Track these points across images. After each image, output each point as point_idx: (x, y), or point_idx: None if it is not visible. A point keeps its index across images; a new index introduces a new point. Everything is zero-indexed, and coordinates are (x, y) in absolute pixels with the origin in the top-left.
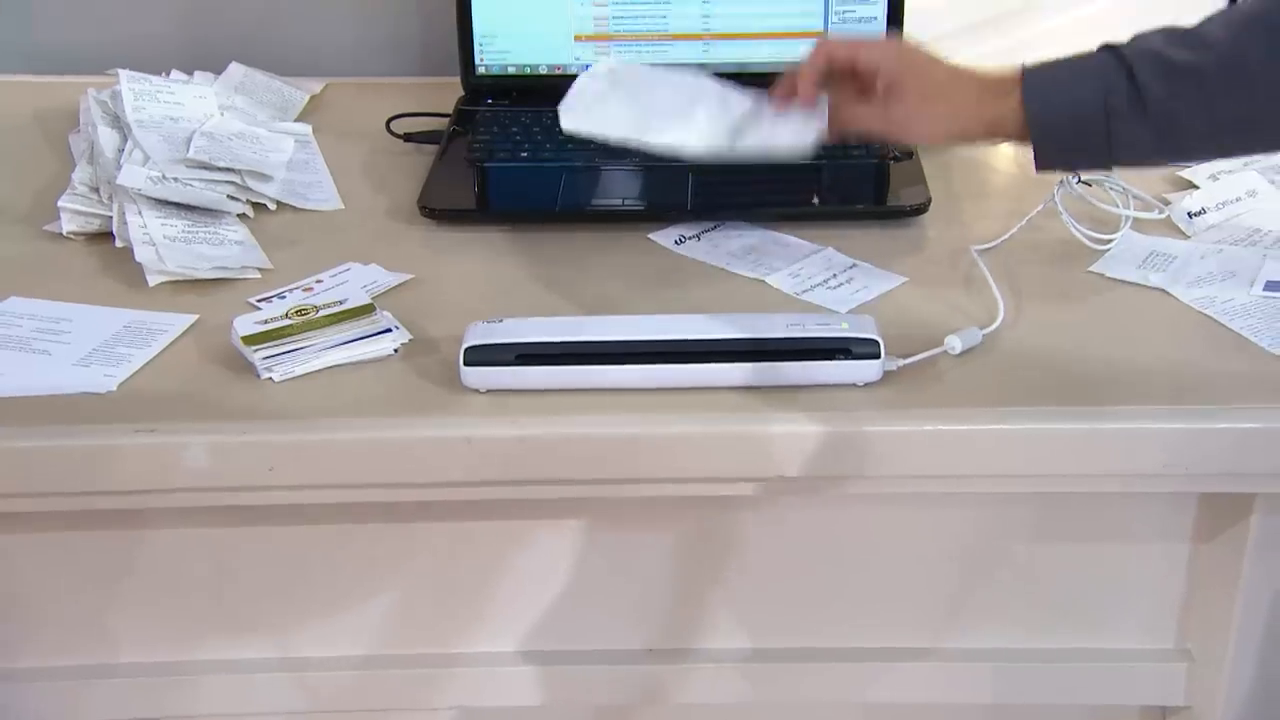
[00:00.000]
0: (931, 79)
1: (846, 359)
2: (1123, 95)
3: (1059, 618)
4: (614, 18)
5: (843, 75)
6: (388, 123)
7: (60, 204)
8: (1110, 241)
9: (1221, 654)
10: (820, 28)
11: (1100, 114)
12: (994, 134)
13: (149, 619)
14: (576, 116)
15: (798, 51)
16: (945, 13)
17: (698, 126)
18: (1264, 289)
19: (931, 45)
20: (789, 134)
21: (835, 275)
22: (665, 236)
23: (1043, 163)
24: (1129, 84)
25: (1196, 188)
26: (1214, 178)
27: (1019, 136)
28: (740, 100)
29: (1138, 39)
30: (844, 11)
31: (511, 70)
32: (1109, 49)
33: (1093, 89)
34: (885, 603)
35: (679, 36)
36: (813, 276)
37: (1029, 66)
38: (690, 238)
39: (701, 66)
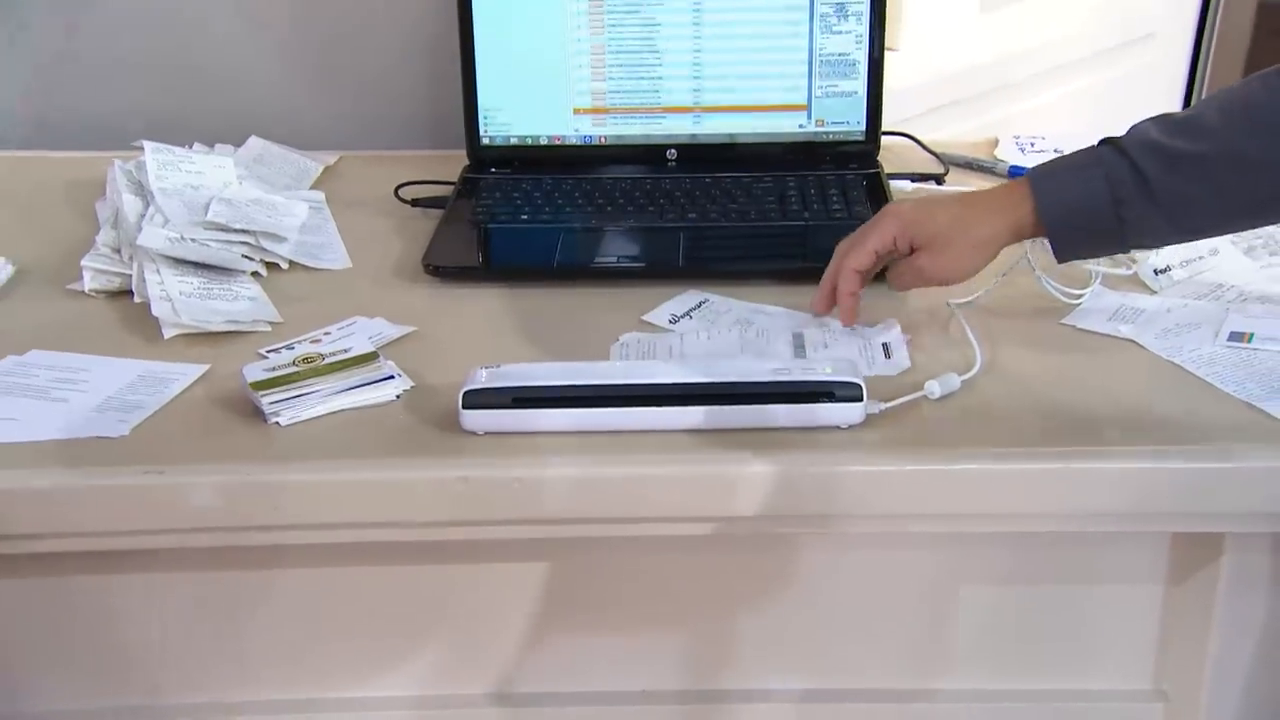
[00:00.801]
0: (939, 226)
1: (831, 402)
2: (1128, 184)
3: (1036, 659)
4: (610, 92)
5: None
6: (396, 190)
7: (83, 263)
8: (1081, 296)
9: (1197, 694)
10: (804, 101)
11: (1109, 202)
12: (1018, 238)
13: (163, 662)
14: None
15: (781, 123)
16: (924, 92)
17: None
18: (1227, 339)
19: (924, 194)
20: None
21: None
22: (658, 316)
23: (1063, 254)
24: (1132, 173)
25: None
26: None
27: (1039, 234)
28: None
29: (1132, 130)
30: (827, 86)
31: (514, 141)
32: (1106, 142)
33: (1098, 181)
34: (865, 643)
35: (671, 109)
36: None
37: (1034, 171)
38: (682, 316)
39: (692, 137)
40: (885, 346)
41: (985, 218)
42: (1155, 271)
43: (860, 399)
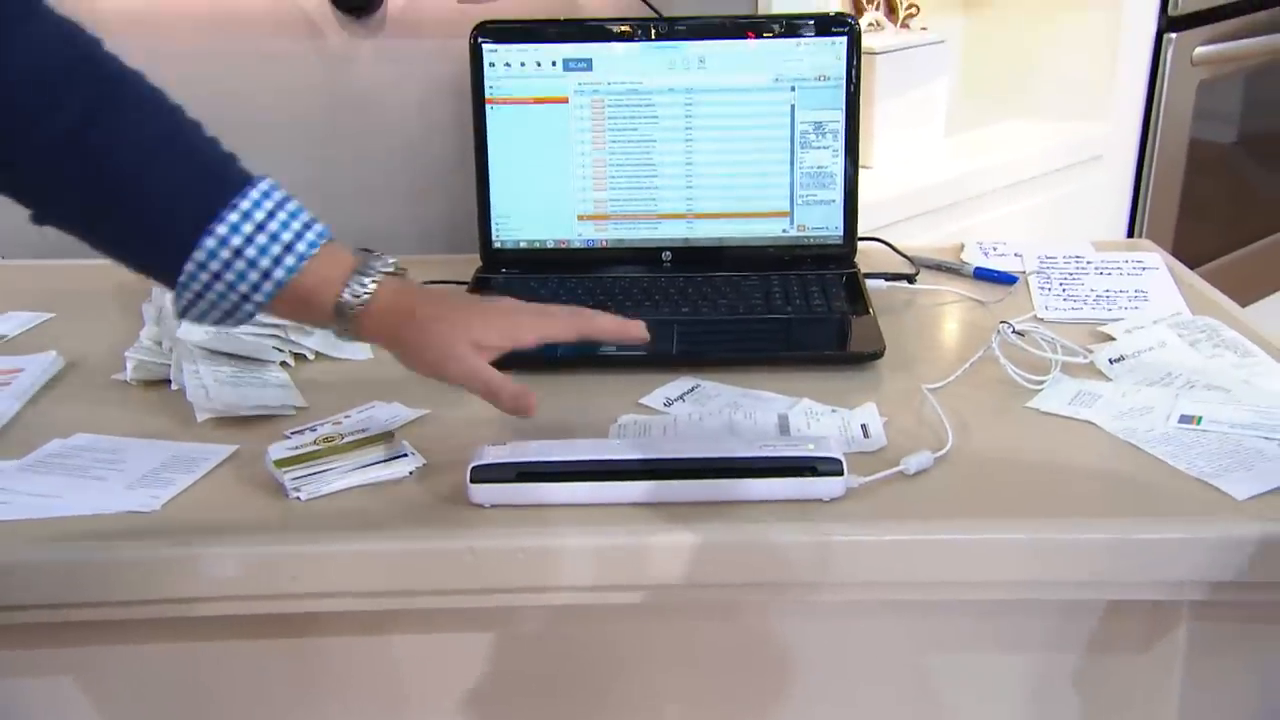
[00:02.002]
0: None
1: (814, 476)
2: None
3: None
4: (611, 200)
5: None
6: None
7: (126, 354)
8: (1043, 382)
9: None
10: (787, 209)
11: None
12: None
13: None
14: None
15: (767, 228)
16: (895, 204)
17: None
18: (1178, 421)
19: None
20: None
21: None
22: (654, 400)
23: None
24: None
25: (1114, 339)
26: (1129, 331)
27: None
28: None
29: None
30: (807, 195)
31: (523, 245)
32: None
33: None
34: (847, 711)
35: (666, 216)
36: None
37: None
38: (676, 399)
39: (686, 241)
40: (864, 427)
41: None
42: (1110, 360)
43: (841, 474)
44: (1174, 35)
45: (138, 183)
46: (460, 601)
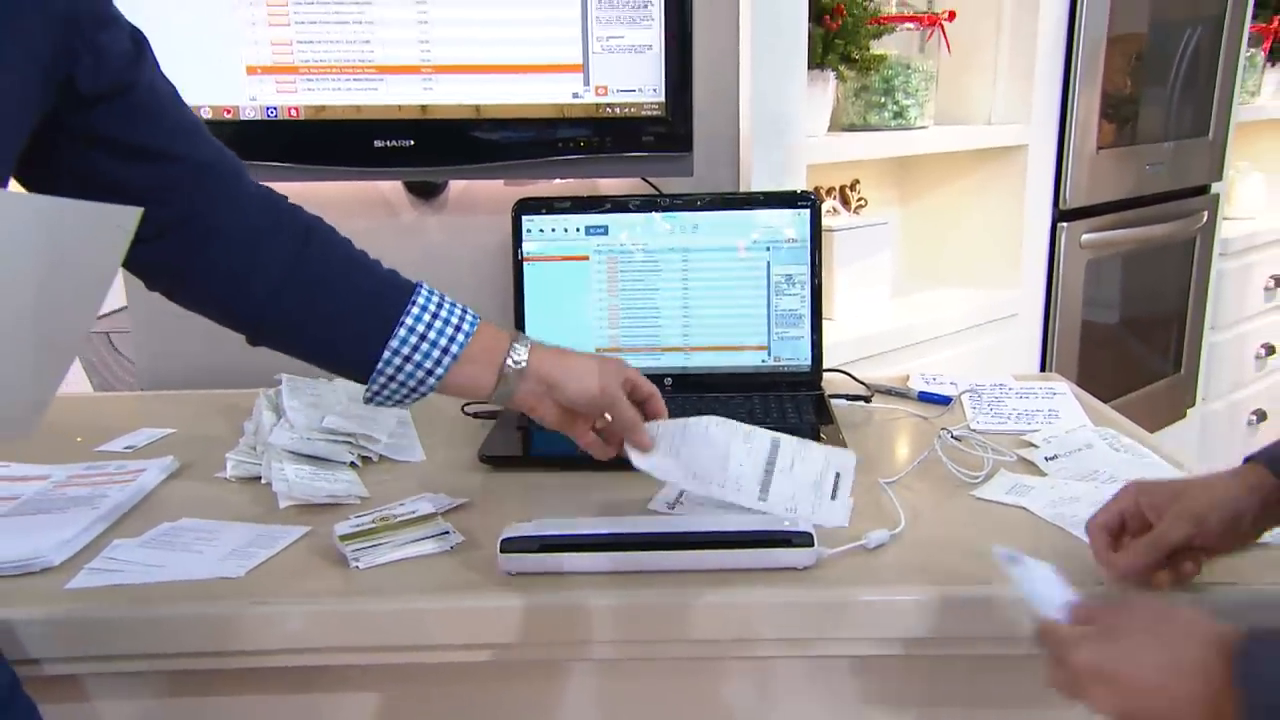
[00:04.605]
0: (1172, 485)
1: (788, 548)
2: None
3: None
4: (622, 336)
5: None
6: (463, 407)
7: (227, 456)
8: (978, 476)
9: None
10: (765, 344)
11: None
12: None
13: None
14: (640, 460)
15: (749, 359)
16: (852, 347)
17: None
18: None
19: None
20: None
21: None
22: (658, 504)
23: None
24: None
25: (1035, 446)
26: (1046, 440)
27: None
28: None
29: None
30: (781, 333)
31: None
32: None
33: None
34: None
35: (667, 349)
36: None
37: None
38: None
39: (683, 369)
40: (837, 476)
41: (1213, 480)
42: (1045, 459)
43: (812, 545)
44: (1065, 224)
45: (335, 305)
46: (490, 655)
